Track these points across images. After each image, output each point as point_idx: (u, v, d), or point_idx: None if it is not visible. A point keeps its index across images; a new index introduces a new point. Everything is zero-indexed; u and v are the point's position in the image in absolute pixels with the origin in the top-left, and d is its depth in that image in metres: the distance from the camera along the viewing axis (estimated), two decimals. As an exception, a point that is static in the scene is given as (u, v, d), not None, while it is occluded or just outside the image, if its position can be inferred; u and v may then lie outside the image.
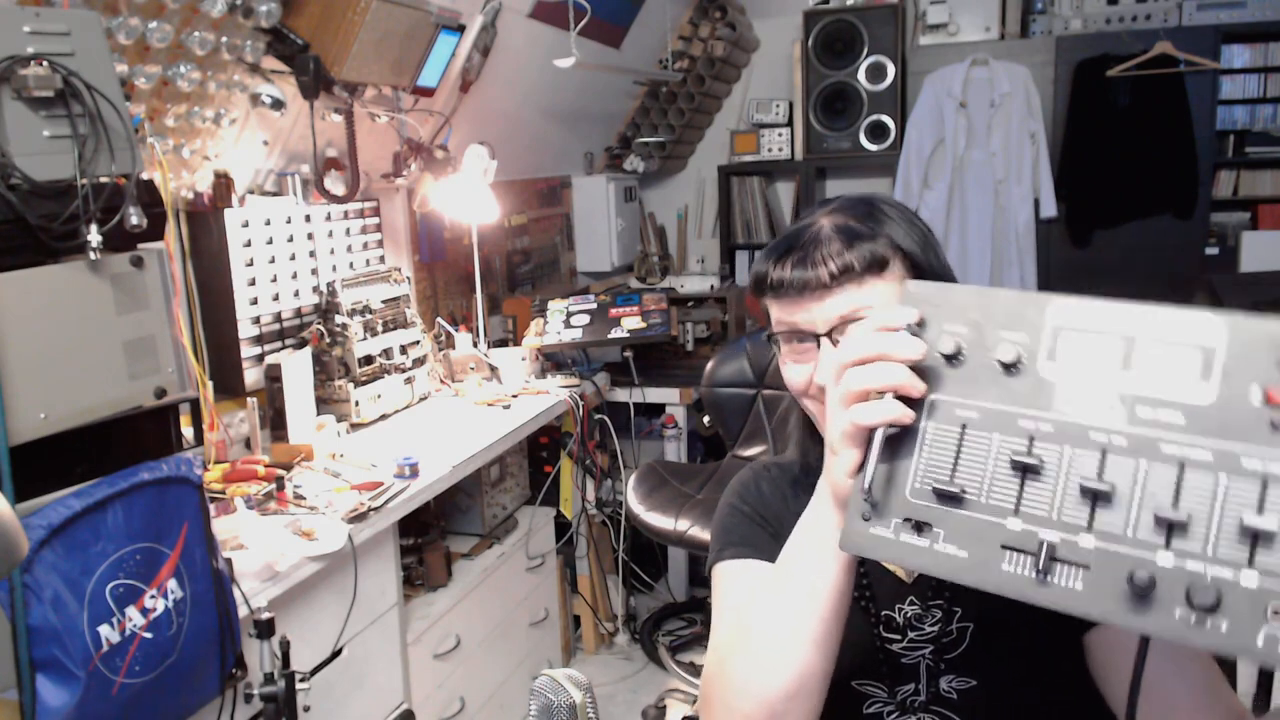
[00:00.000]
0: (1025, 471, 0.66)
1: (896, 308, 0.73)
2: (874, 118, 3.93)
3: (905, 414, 0.70)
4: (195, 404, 2.01)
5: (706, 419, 3.04)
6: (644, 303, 3.16)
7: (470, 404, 2.74)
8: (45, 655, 1.23)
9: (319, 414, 2.36)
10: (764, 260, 1.02)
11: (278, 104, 2.16)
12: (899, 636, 1.02)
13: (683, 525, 2.51)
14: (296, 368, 2.27)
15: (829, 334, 0.97)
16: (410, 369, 2.68)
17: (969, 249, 3.84)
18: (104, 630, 1.28)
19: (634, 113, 4.27)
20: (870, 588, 1.03)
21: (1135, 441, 0.62)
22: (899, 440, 0.70)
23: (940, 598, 1.01)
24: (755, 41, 4.37)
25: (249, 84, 2.14)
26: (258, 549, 1.69)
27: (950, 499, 0.67)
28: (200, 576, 1.43)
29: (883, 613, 1.03)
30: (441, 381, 2.89)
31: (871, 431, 0.71)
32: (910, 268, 0.98)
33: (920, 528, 0.68)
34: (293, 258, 2.41)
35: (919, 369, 0.71)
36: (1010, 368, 0.68)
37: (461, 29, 2.68)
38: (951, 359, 0.70)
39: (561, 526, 2.99)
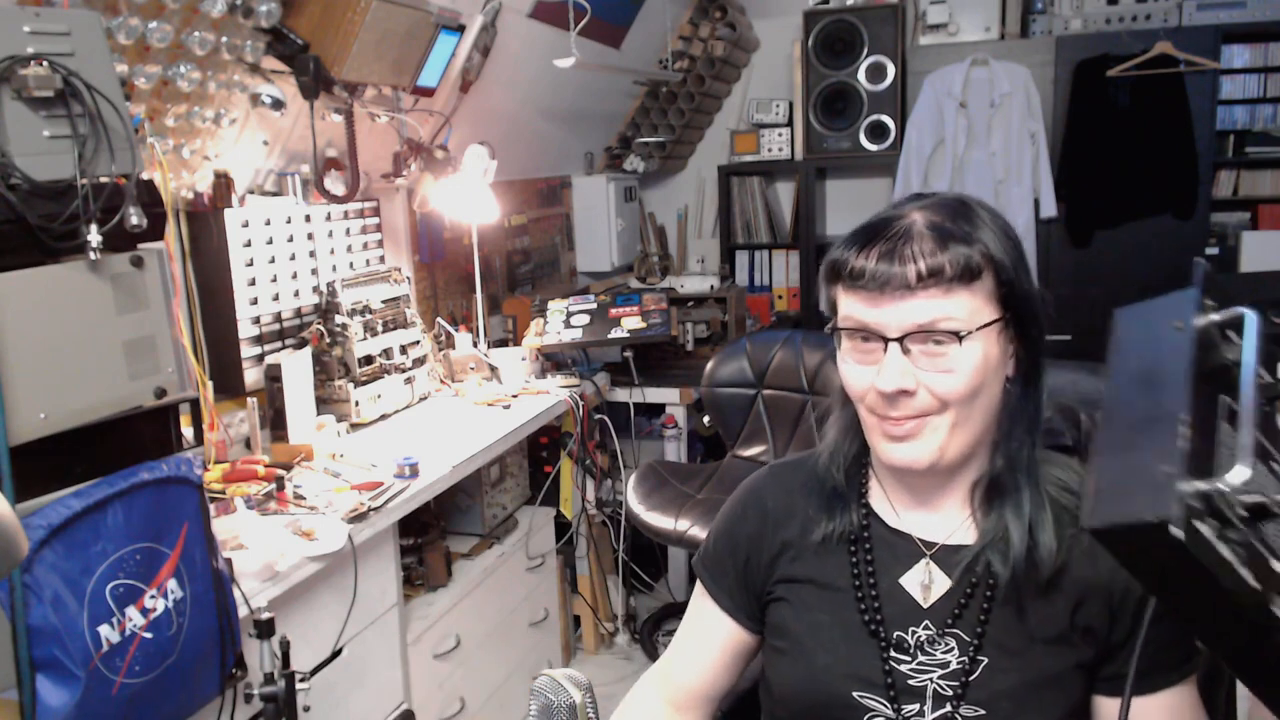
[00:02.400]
0: None
1: None
2: (874, 118, 3.93)
3: None
4: (195, 404, 2.01)
5: (706, 419, 3.04)
6: (644, 303, 3.16)
7: (470, 404, 2.74)
8: (45, 655, 1.23)
9: (319, 414, 2.36)
10: (844, 246, 0.95)
11: (278, 104, 2.16)
12: (908, 658, 0.99)
13: (683, 525, 2.51)
14: (296, 368, 2.27)
15: (900, 340, 0.91)
16: (410, 369, 2.68)
17: (969, 249, 3.84)
18: (104, 630, 1.28)
19: (634, 113, 4.27)
20: (881, 609, 1.01)
21: None
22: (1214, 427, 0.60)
23: (957, 626, 0.99)
24: (755, 41, 4.37)
25: (249, 84, 2.14)
26: (258, 549, 1.68)
27: (1257, 518, 0.58)
28: (200, 576, 1.43)
29: (894, 634, 1.00)
30: (441, 381, 2.89)
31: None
32: (1000, 284, 0.92)
33: (1230, 540, 0.57)
34: (293, 258, 2.41)
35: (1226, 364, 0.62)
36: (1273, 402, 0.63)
37: (461, 29, 2.68)
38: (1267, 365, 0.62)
39: (561, 526, 2.99)
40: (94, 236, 1.32)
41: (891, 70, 3.87)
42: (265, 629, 1.47)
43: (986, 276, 0.92)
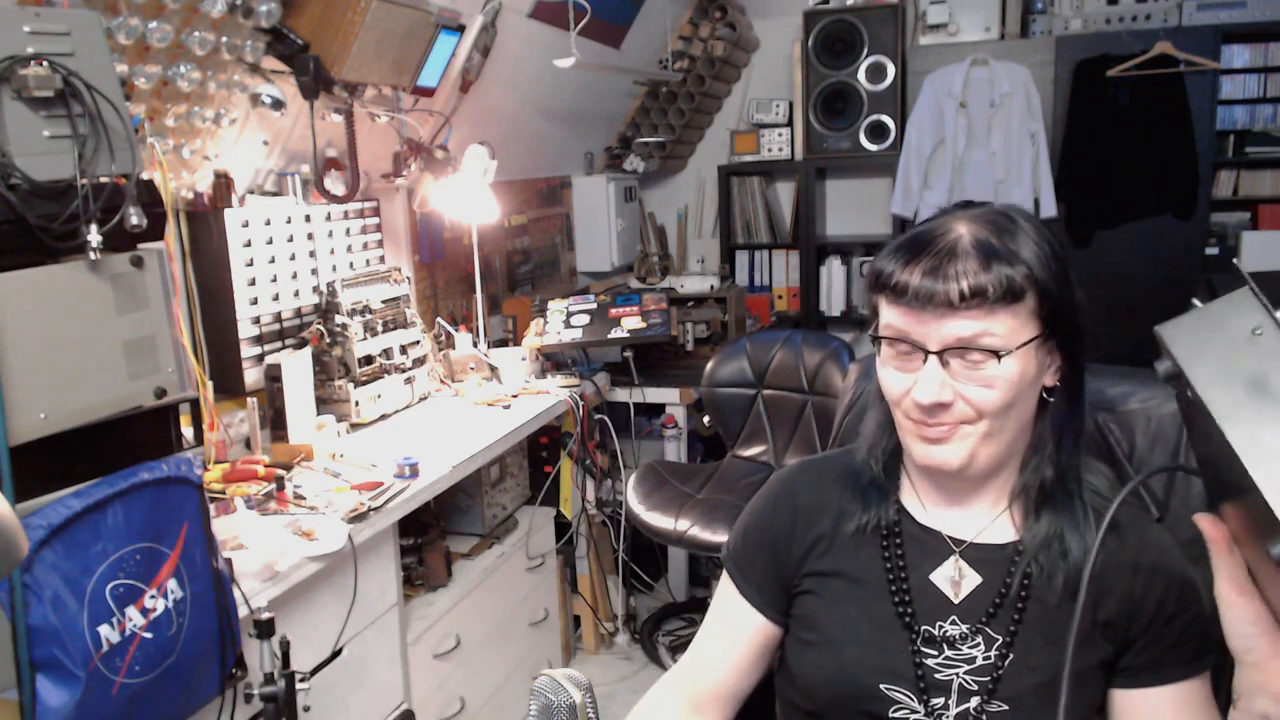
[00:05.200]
0: None
1: None
2: (874, 118, 3.93)
3: None
4: (195, 404, 2.01)
5: (706, 419, 3.04)
6: (644, 303, 3.16)
7: (470, 404, 2.74)
8: (45, 655, 1.23)
9: (319, 414, 2.36)
10: (891, 258, 0.97)
11: (278, 104, 2.15)
12: (935, 652, 1.01)
13: (683, 525, 2.51)
14: (296, 368, 2.27)
15: (940, 353, 0.93)
16: (410, 369, 2.68)
17: (969, 249, 3.84)
18: (104, 630, 1.28)
19: (634, 113, 4.27)
20: (912, 603, 1.03)
21: None
22: None
23: (989, 625, 1.00)
24: (755, 41, 4.37)
25: (249, 84, 2.13)
26: (258, 549, 1.68)
27: None
28: (200, 576, 1.43)
29: (922, 628, 1.02)
30: (441, 381, 2.89)
31: None
32: (1043, 304, 0.94)
33: None
34: (293, 258, 2.41)
35: None
36: None
37: (461, 29, 2.68)
38: None
39: (561, 526, 2.99)
40: (94, 236, 1.32)
41: (891, 70, 3.87)
42: (265, 629, 1.47)
43: (1029, 297, 0.94)
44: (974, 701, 0.98)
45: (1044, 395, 1.00)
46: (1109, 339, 1.00)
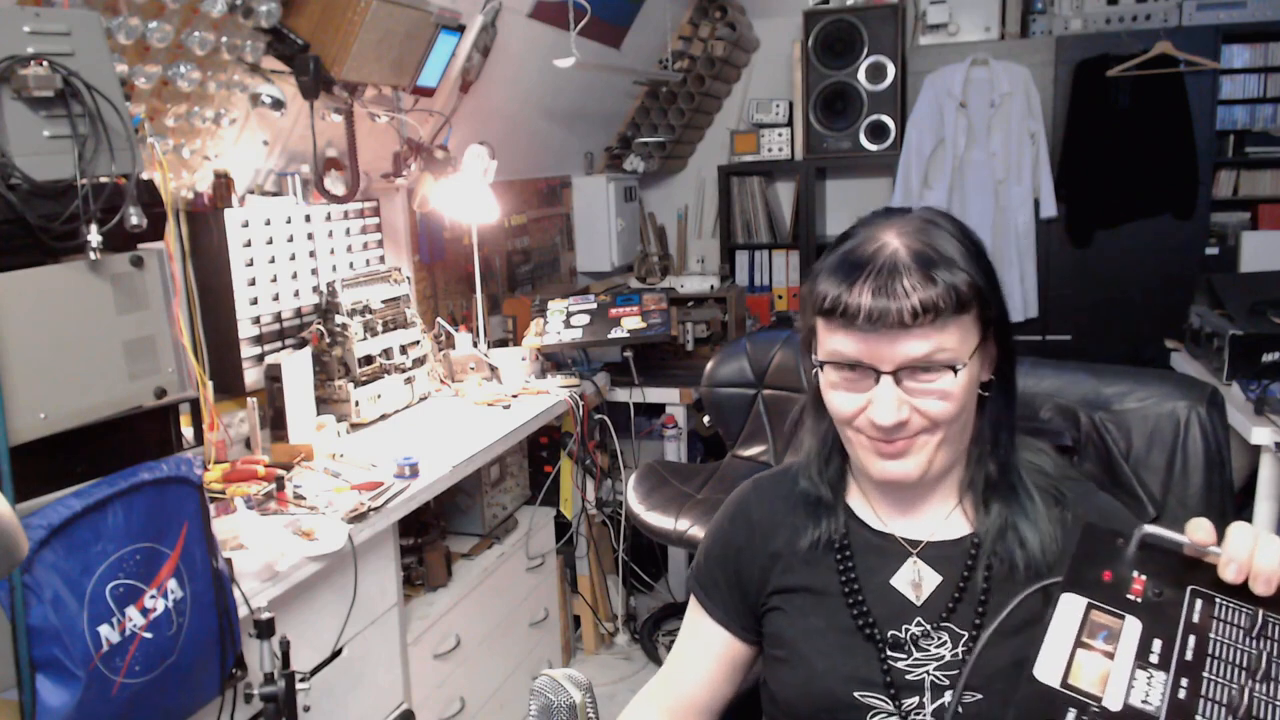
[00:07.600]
0: None
1: None
2: (874, 118, 3.93)
3: None
4: (195, 404, 2.01)
5: (706, 419, 3.03)
6: (644, 303, 3.16)
7: (470, 404, 2.74)
8: (45, 655, 1.23)
9: (319, 414, 2.36)
10: (833, 280, 0.94)
11: (278, 104, 2.15)
12: (904, 655, 1.02)
13: (683, 525, 2.51)
14: (296, 368, 2.27)
15: (894, 373, 0.93)
16: (410, 369, 2.68)
17: (969, 249, 3.84)
18: (104, 630, 1.28)
19: (634, 113, 4.27)
20: (871, 612, 1.03)
21: None
22: None
23: (951, 620, 1.01)
24: (755, 41, 4.37)
25: (249, 84, 2.13)
26: (258, 549, 1.68)
27: None
28: (200, 576, 1.43)
29: (888, 633, 1.03)
30: (441, 381, 2.89)
31: None
32: (985, 308, 0.95)
33: None
34: (293, 258, 2.41)
35: None
36: None
37: (461, 29, 2.68)
38: None
39: (561, 526, 2.99)
40: (94, 236, 1.32)
41: (891, 70, 3.87)
42: (265, 629, 1.47)
43: (973, 304, 0.94)
44: (947, 696, 0.99)
45: (980, 389, 1.01)
46: (1109, 339, 1.01)
